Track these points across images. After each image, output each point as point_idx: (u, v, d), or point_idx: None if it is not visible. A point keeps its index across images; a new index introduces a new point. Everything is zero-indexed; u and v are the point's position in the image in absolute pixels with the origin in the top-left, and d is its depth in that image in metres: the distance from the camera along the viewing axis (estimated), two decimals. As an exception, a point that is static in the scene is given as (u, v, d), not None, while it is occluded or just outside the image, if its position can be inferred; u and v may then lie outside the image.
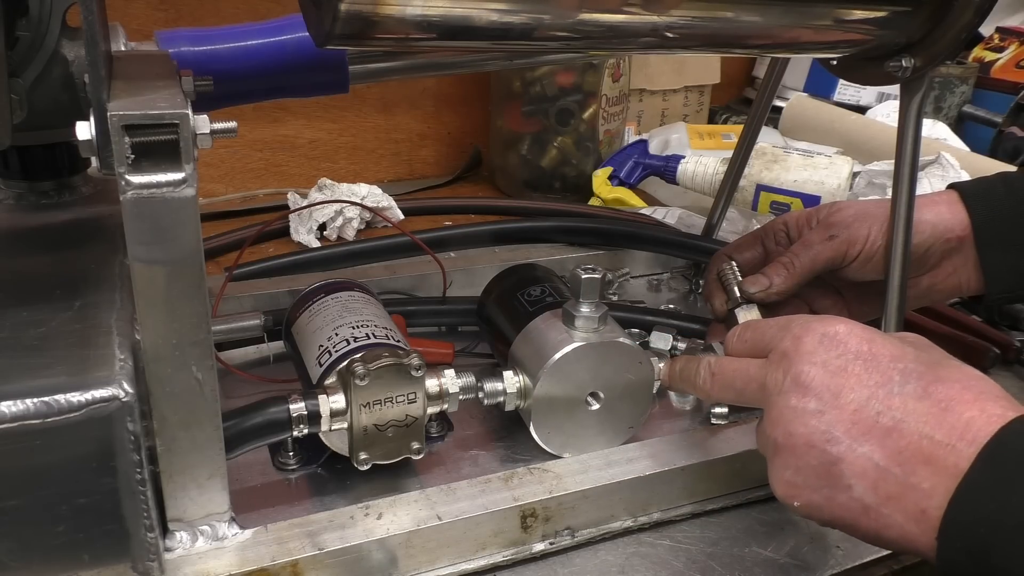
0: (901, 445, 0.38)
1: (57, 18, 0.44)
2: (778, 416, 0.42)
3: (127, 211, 0.36)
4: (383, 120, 1.18)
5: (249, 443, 0.49)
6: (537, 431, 0.56)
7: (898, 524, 0.38)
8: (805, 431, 0.41)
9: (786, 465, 0.42)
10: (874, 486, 0.39)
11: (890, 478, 0.38)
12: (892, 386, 0.40)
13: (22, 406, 0.36)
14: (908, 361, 0.41)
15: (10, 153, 0.50)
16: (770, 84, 0.74)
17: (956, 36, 0.55)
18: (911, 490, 0.38)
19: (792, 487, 0.42)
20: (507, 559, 0.50)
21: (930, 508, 0.37)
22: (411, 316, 0.71)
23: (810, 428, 0.41)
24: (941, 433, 0.38)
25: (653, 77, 1.31)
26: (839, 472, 0.40)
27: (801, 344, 0.43)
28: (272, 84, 0.60)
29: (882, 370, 0.41)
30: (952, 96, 1.35)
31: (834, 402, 0.40)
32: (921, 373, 0.40)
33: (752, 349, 0.47)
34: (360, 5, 0.40)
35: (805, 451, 0.41)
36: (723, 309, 0.64)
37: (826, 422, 0.40)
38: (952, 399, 0.38)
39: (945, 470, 0.37)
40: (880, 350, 0.41)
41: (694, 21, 0.49)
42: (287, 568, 0.44)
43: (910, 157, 0.59)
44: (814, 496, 0.41)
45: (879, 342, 0.42)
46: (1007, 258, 0.61)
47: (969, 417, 0.37)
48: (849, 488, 0.40)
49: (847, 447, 0.40)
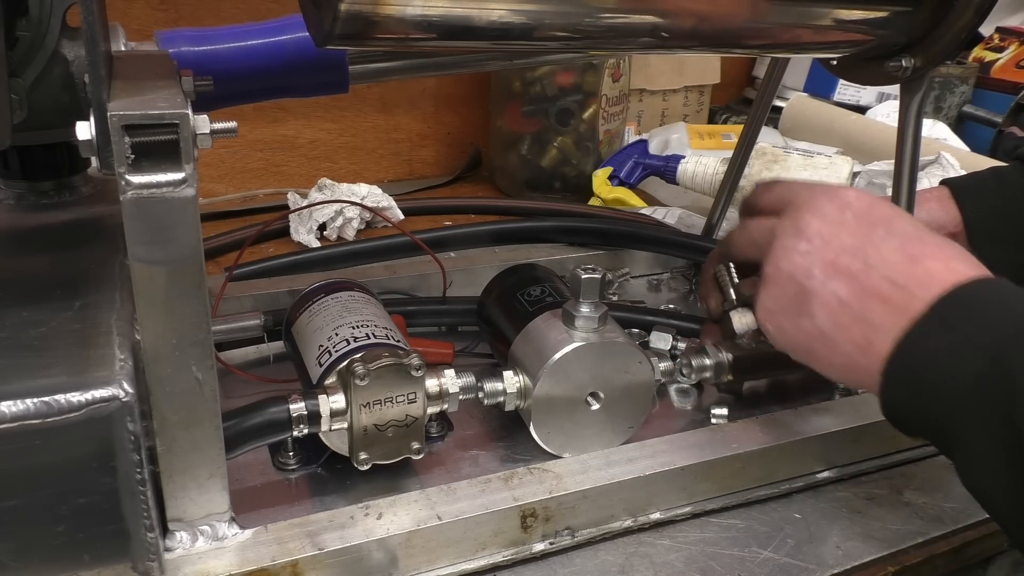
0: (865, 285, 0.43)
1: (57, 18, 0.44)
2: (772, 254, 0.48)
3: (127, 211, 0.36)
4: (383, 120, 1.18)
5: (249, 443, 0.49)
6: (537, 431, 0.56)
7: (845, 352, 0.44)
8: (789, 266, 0.46)
9: (768, 294, 0.48)
10: (833, 316, 0.44)
11: (847, 311, 0.43)
12: (876, 239, 0.44)
13: (22, 406, 0.36)
14: (899, 224, 0.45)
15: (10, 153, 0.50)
16: (770, 84, 0.74)
17: (956, 36, 0.55)
18: (862, 322, 0.43)
19: (770, 314, 0.48)
20: (507, 559, 0.50)
21: (875, 339, 0.42)
22: (411, 316, 0.71)
23: (794, 264, 0.46)
24: (903, 279, 0.42)
25: (653, 77, 1.31)
26: (808, 303, 0.45)
27: (813, 199, 0.48)
28: (272, 84, 0.60)
29: (872, 225, 0.45)
30: (952, 96, 1.35)
31: (822, 245, 0.45)
32: (906, 233, 0.44)
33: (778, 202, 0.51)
34: (360, 5, 0.40)
35: (785, 282, 0.46)
36: (719, 310, 0.64)
37: (809, 261, 0.46)
38: (924, 255, 0.42)
39: (896, 309, 0.41)
40: (878, 211, 0.46)
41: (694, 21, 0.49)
42: (287, 568, 0.44)
43: (910, 157, 0.59)
44: (784, 322, 0.47)
45: (881, 206, 0.46)
46: (999, 253, 0.61)
47: (932, 269, 0.41)
48: (813, 317, 0.45)
49: (820, 283, 0.45)
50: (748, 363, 0.62)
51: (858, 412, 0.59)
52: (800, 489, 0.57)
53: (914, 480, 0.59)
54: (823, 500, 0.57)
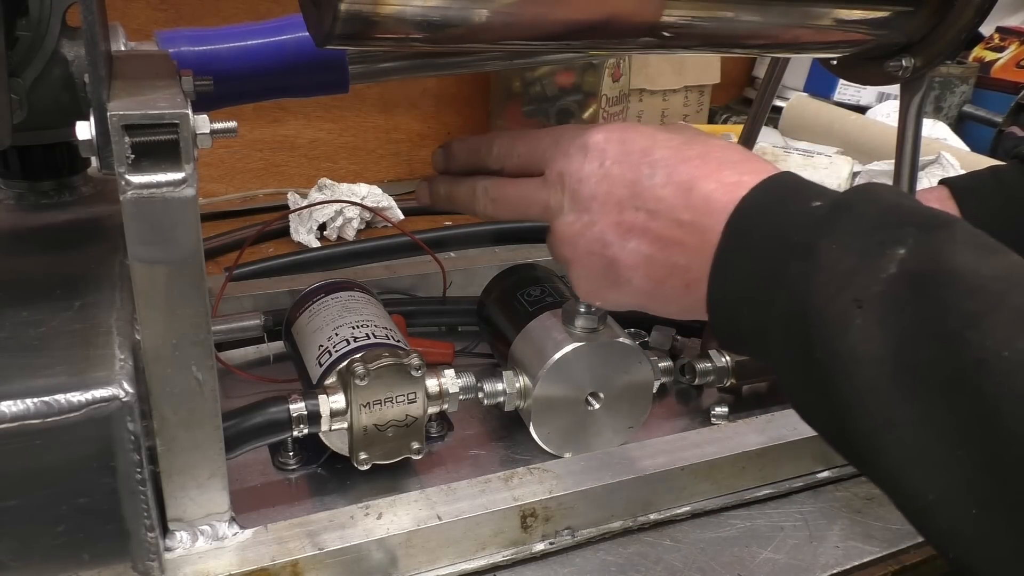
0: (658, 232, 0.42)
1: (57, 18, 0.44)
2: (562, 234, 0.46)
3: (127, 211, 0.36)
4: (383, 120, 1.18)
5: (249, 443, 0.49)
6: (537, 431, 0.56)
7: (675, 299, 0.43)
8: (584, 242, 0.45)
9: (579, 275, 0.46)
10: (647, 274, 0.43)
11: (656, 264, 0.43)
12: (643, 180, 0.43)
13: (22, 406, 0.36)
14: (657, 151, 0.43)
15: (10, 153, 0.50)
16: (770, 84, 0.74)
17: (956, 36, 0.55)
18: (674, 269, 0.42)
19: (590, 293, 0.47)
20: (507, 559, 0.50)
21: (691, 281, 0.41)
22: (411, 316, 0.71)
23: (587, 238, 0.45)
24: (687, 214, 0.41)
25: (653, 77, 1.31)
26: (617, 271, 0.44)
27: (570, 162, 0.45)
28: (272, 84, 0.60)
29: (634, 167, 0.43)
30: (952, 96, 1.35)
31: (602, 209, 0.44)
32: (667, 159, 0.43)
33: (527, 163, 0.49)
34: (360, 5, 0.40)
35: (588, 260, 0.45)
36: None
37: (599, 230, 0.44)
38: (693, 177, 0.41)
39: (696, 247, 0.41)
40: (633, 146, 0.44)
41: (694, 21, 0.49)
42: (287, 568, 0.44)
43: (910, 157, 0.59)
44: (608, 295, 0.46)
45: (633, 139, 0.44)
46: None
47: (708, 191, 0.40)
48: (629, 281, 0.44)
49: (619, 246, 0.43)
50: (751, 367, 0.62)
51: (858, 412, 0.58)
52: (800, 489, 0.57)
53: (914, 480, 0.59)
54: (823, 500, 0.57)
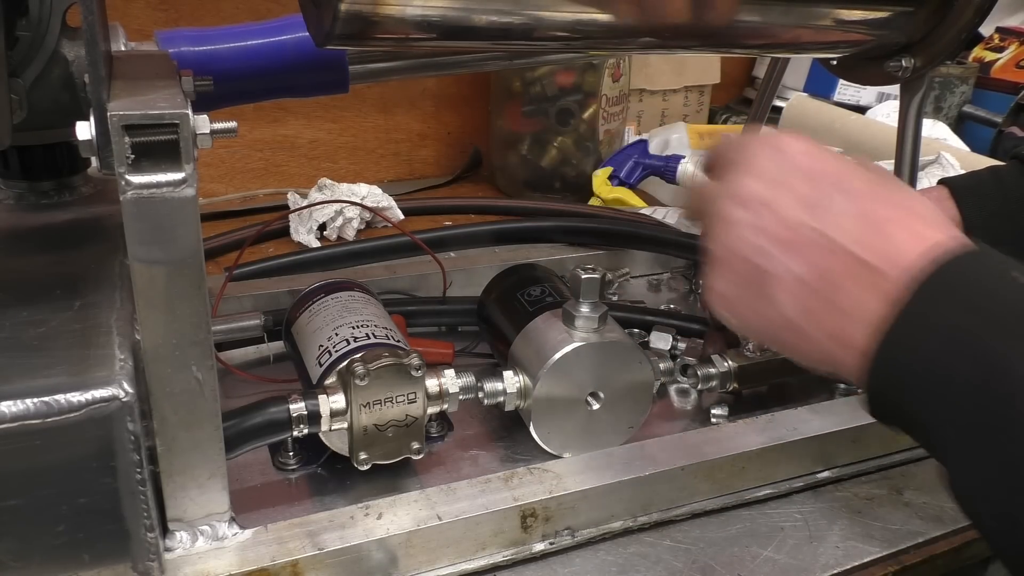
0: (830, 264, 0.38)
1: (57, 18, 0.44)
2: (715, 229, 0.42)
3: (127, 211, 0.36)
4: (383, 120, 1.18)
5: (249, 443, 0.49)
6: (537, 431, 0.56)
7: (818, 341, 0.38)
8: (739, 244, 0.40)
9: (720, 277, 0.41)
10: (799, 303, 0.39)
11: (815, 296, 0.38)
12: (830, 203, 0.39)
13: (22, 406, 0.36)
14: (851, 181, 0.40)
15: (10, 153, 0.50)
16: (770, 84, 0.74)
17: (956, 36, 0.55)
18: (832, 308, 0.37)
19: (725, 300, 0.42)
20: (507, 559, 0.50)
21: (850, 328, 0.37)
22: (411, 316, 0.71)
23: (745, 241, 0.40)
24: (868, 253, 0.37)
25: (653, 77, 1.31)
26: (768, 286, 0.39)
27: (746, 156, 0.42)
28: (272, 84, 0.60)
29: (822, 186, 0.39)
30: (952, 96, 1.35)
31: (771, 216, 0.39)
32: (861, 193, 0.39)
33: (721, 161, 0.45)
34: (360, 5, 0.40)
35: (739, 264, 0.40)
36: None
37: (758, 236, 0.40)
38: (886, 219, 0.38)
39: (868, 292, 0.36)
40: (824, 167, 0.40)
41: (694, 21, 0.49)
42: (287, 568, 0.44)
43: (910, 157, 0.59)
44: (744, 309, 0.41)
45: (826, 160, 0.41)
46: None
47: (900, 239, 0.37)
48: (776, 303, 0.39)
49: (778, 262, 0.39)
50: (753, 372, 0.62)
51: (858, 412, 0.59)
52: (800, 489, 0.57)
53: (914, 480, 0.59)
54: (823, 500, 0.57)
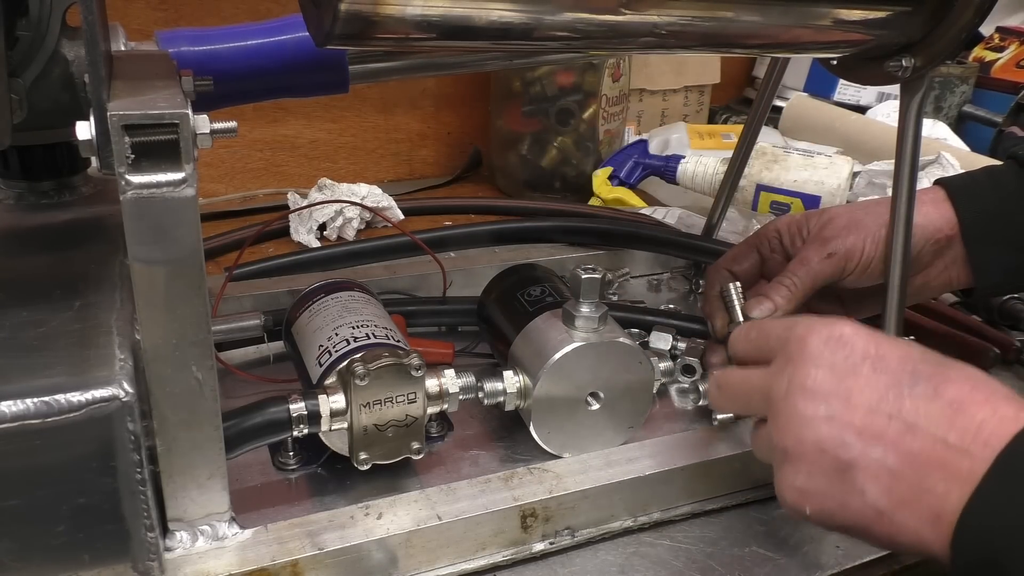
0: (914, 449, 0.38)
1: (57, 18, 0.44)
2: (786, 423, 0.41)
3: (127, 211, 0.36)
4: (383, 120, 1.18)
5: (249, 443, 0.49)
6: (537, 431, 0.56)
7: (912, 529, 0.38)
8: (816, 436, 0.40)
9: (797, 472, 0.41)
10: (888, 491, 0.38)
11: (903, 482, 0.38)
12: (902, 388, 0.39)
13: (22, 406, 0.36)
14: (916, 362, 0.40)
15: (10, 153, 0.50)
16: (770, 84, 0.74)
17: (956, 36, 0.55)
18: (925, 494, 0.37)
19: (803, 494, 0.41)
20: (507, 559, 0.50)
21: (944, 513, 0.36)
22: (411, 316, 0.71)
23: (821, 433, 0.40)
24: (954, 436, 0.37)
25: (653, 77, 1.31)
26: (852, 477, 0.39)
27: (806, 347, 0.42)
28: (272, 84, 0.60)
29: (891, 371, 0.40)
30: (952, 96, 1.35)
31: (844, 406, 0.39)
32: (930, 374, 0.39)
33: (757, 351, 0.46)
34: (360, 5, 0.40)
35: (817, 457, 0.40)
36: (724, 330, 0.63)
37: (837, 426, 0.39)
38: (964, 400, 0.38)
39: (959, 474, 0.36)
40: (887, 351, 0.41)
41: (694, 21, 0.49)
42: (287, 568, 0.44)
43: (910, 157, 0.59)
44: (827, 502, 0.40)
45: (885, 344, 0.41)
46: (994, 254, 0.61)
47: (982, 419, 0.37)
48: (863, 493, 0.39)
49: (860, 451, 0.39)
50: None
51: (858, 412, 0.59)
52: (800, 489, 0.57)
53: (914, 480, 0.59)
54: (823, 500, 0.57)
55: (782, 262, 0.64)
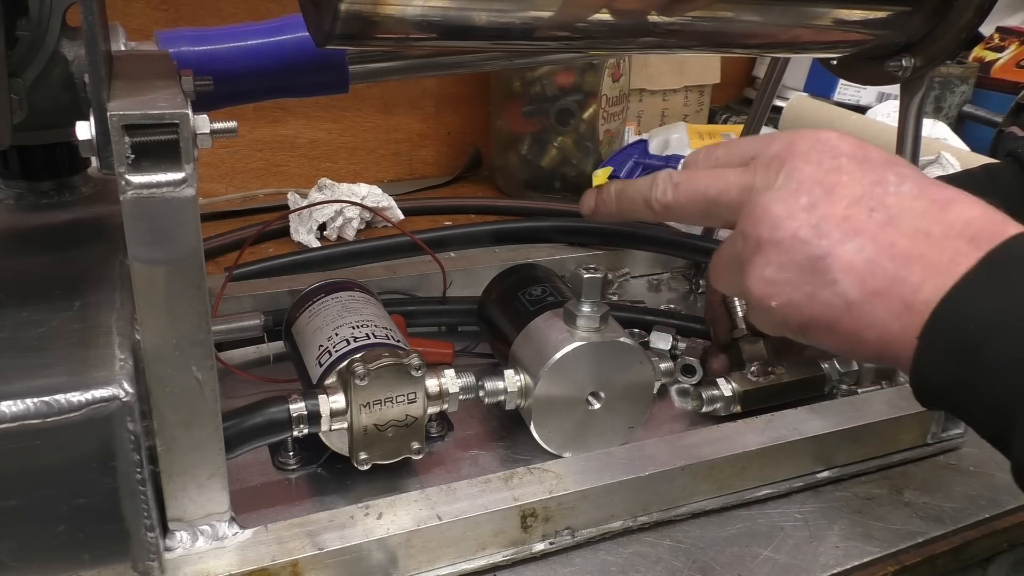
0: (894, 238, 0.37)
1: (57, 18, 0.44)
2: (763, 212, 0.39)
3: (127, 211, 0.36)
4: (383, 120, 1.18)
5: (249, 443, 0.49)
6: (537, 431, 0.56)
7: (880, 321, 0.37)
8: (794, 224, 0.38)
9: (768, 262, 0.39)
10: (861, 280, 0.37)
11: (879, 272, 0.36)
12: (887, 185, 0.38)
13: (22, 406, 0.36)
14: (903, 166, 0.39)
15: (10, 153, 0.50)
16: (770, 84, 0.74)
17: (956, 36, 0.55)
18: (899, 283, 0.36)
19: (771, 284, 0.39)
20: (507, 559, 0.50)
21: (916, 303, 0.35)
22: (411, 316, 0.71)
23: (799, 221, 0.38)
24: (939, 228, 0.36)
25: (653, 77, 1.31)
26: (825, 267, 0.37)
27: (795, 146, 0.41)
28: (272, 84, 0.60)
29: (877, 170, 0.39)
30: (952, 96, 1.35)
31: (827, 198, 0.38)
32: (916, 177, 0.39)
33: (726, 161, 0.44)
34: (360, 5, 0.40)
35: (791, 245, 0.38)
36: (727, 337, 0.63)
37: (817, 216, 0.38)
38: (950, 199, 0.37)
39: (939, 265, 0.35)
40: (873, 154, 0.40)
41: (694, 21, 0.49)
42: (287, 568, 0.44)
43: (910, 157, 0.59)
44: (795, 293, 0.39)
45: (872, 149, 0.41)
46: None
47: (970, 216, 0.36)
48: (834, 283, 0.37)
49: (837, 241, 0.37)
50: (757, 396, 0.62)
51: (858, 412, 0.59)
52: (800, 489, 0.57)
53: (914, 480, 0.59)
54: (823, 500, 0.57)
55: None
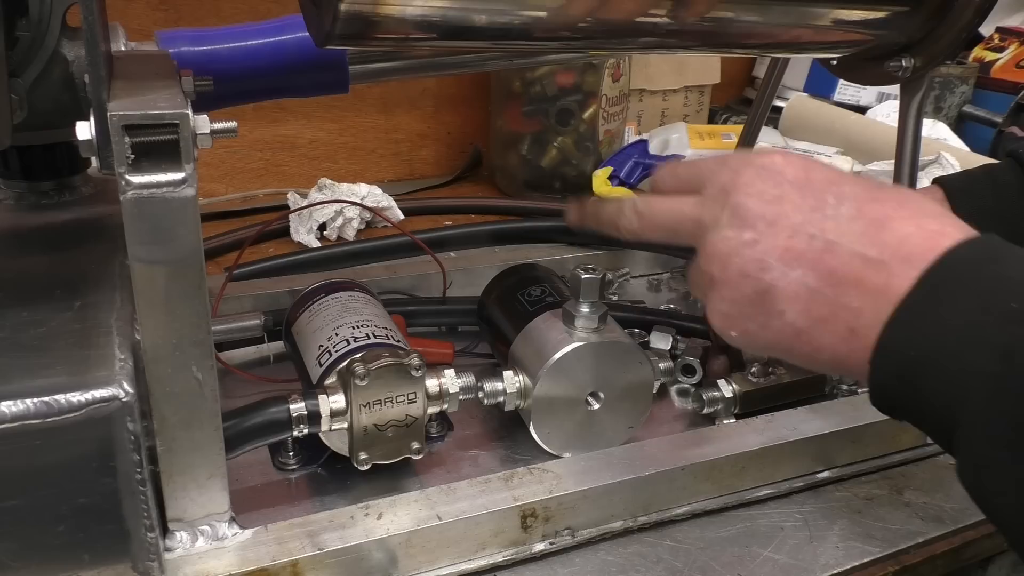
0: (833, 265, 0.38)
1: (57, 18, 0.44)
2: (713, 250, 0.41)
3: (127, 211, 0.36)
4: (383, 120, 1.18)
5: (249, 443, 0.49)
6: (537, 431, 0.56)
7: (829, 346, 0.38)
8: (739, 261, 0.40)
9: (721, 298, 0.41)
10: (806, 309, 0.38)
11: (821, 299, 0.38)
12: (826, 209, 0.39)
13: (22, 406, 0.36)
14: (844, 184, 0.40)
15: (10, 153, 0.50)
16: (770, 84, 0.74)
17: (956, 36, 0.55)
18: (841, 310, 0.37)
19: (728, 318, 0.41)
20: (507, 559, 0.50)
21: (859, 327, 0.37)
22: (411, 316, 0.71)
23: (744, 258, 0.40)
24: (874, 250, 0.37)
25: (653, 77, 1.31)
26: (772, 299, 0.39)
27: (739, 177, 0.41)
28: (272, 84, 0.60)
29: (817, 194, 0.39)
30: (952, 96, 1.35)
31: (769, 231, 0.39)
32: (856, 195, 0.39)
33: (685, 185, 0.45)
34: (360, 5, 0.40)
35: (739, 281, 0.40)
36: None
37: (760, 251, 0.39)
38: (887, 216, 0.38)
39: (876, 289, 0.36)
40: (816, 175, 0.41)
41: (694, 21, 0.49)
42: (287, 568, 0.44)
43: (910, 157, 0.59)
44: (749, 324, 0.40)
45: (816, 169, 0.41)
46: None
47: (905, 234, 0.37)
48: (782, 314, 0.39)
49: (780, 273, 0.39)
50: (757, 397, 0.62)
51: (858, 412, 0.59)
52: (800, 489, 0.57)
53: (914, 480, 0.59)
54: (823, 500, 0.57)
55: None
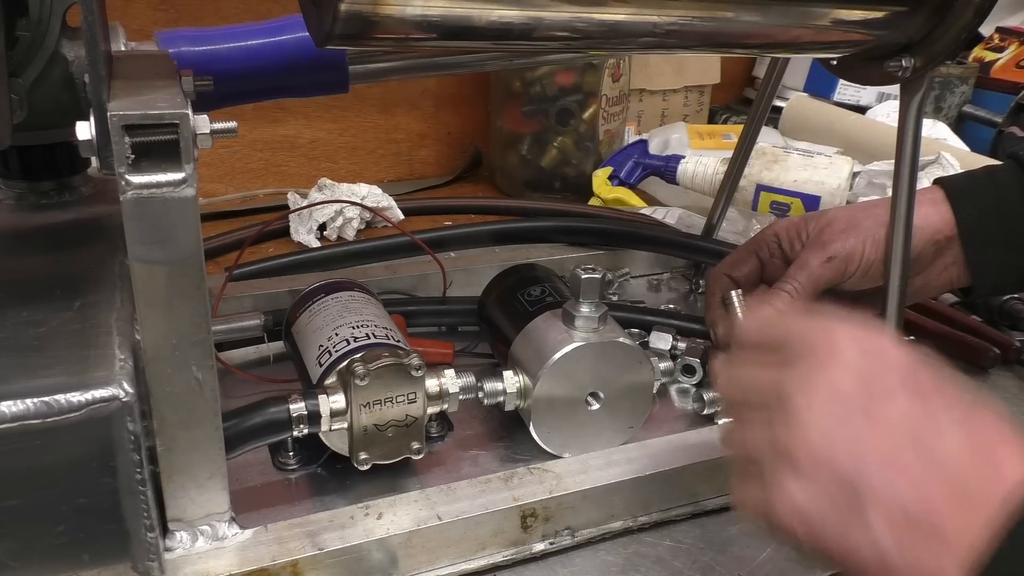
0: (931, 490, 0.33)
1: (57, 18, 0.44)
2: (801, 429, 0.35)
3: (127, 211, 0.36)
4: (383, 120, 1.18)
5: (249, 443, 0.49)
6: (537, 431, 0.56)
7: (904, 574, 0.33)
8: (831, 452, 0.34)
9: (803, 488, 0.35)
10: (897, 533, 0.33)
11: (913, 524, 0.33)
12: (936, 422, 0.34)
13: (22, 406, 0.36)
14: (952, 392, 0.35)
15: (10, 153, 0.50)
16: (770, 84, 0.74)
17: (956, 36, 0.55)
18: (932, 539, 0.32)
19: (801, 515, 0.35)
20: (507, 559, 0.50)
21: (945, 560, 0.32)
22: (411, 316, 0.71)
23: (838, 450, 0.34)
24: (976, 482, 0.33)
25: (653, 77, 1.31)
26: (862, 510, 0.33)
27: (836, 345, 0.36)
28: (272, 84, 0.60)
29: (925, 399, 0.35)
30: (952, 96, 1.35)
31: (868, 426, 0.34)
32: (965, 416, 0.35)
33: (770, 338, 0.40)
34: (360, 5, 0.40)
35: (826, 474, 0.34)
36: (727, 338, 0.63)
37: (858, 446, 0.34)
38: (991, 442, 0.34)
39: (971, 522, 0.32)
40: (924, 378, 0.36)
41: (694, 21, 0.49)
42: (287, 568, 0.44)
43: (910, 157, 0.59)
44: (826, 530, 0.34)
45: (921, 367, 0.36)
46: (992, 255, 0.61)
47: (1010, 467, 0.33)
48: (868, 529, 0.33)
49: (877, 483, 0.33)
50: None
51: (858, 412, 0.58)
52: (800, 489, 0.57)
53: (914, 480, 0.59)
54: (823, 500, 0.57)
55: (782, 266, 0.64)
